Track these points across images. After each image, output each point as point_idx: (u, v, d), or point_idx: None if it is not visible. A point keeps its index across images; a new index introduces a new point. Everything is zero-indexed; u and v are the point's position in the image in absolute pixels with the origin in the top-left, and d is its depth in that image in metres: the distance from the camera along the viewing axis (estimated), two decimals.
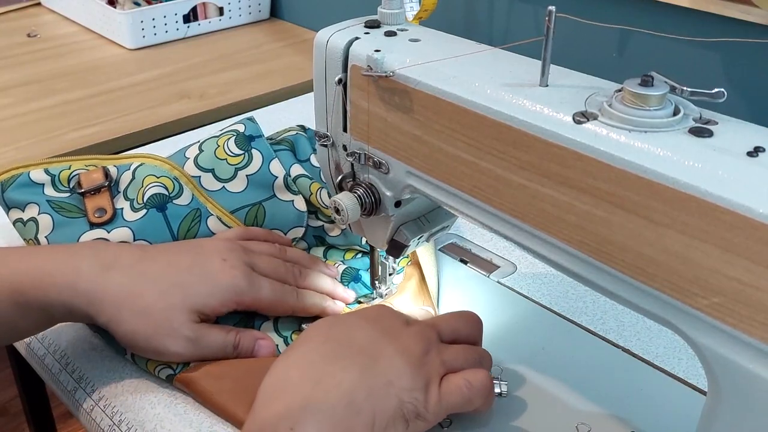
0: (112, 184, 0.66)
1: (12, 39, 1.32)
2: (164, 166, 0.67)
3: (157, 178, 0.66)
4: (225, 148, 0.68)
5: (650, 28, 0.86)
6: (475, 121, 0.45)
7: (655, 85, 0.39)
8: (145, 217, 0.64)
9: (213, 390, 0.55)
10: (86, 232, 0.64)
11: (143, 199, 0.65)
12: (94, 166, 0.68)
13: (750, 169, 0.36)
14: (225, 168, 0.68)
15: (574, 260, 0.43)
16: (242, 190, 0.67)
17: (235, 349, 0.57)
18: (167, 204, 0.65)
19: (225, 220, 0.66)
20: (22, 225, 0.65)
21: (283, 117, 1.01)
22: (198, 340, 0.55)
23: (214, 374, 0.56)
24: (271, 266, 0.62)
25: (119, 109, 1.04)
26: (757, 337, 0.36)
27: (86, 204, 0.65)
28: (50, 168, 0.67)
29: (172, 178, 0.66)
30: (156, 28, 1.26)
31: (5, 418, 1.63)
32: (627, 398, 0.55)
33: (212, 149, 0.68)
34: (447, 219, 0.60)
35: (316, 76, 0.55)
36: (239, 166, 0.68)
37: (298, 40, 1.31)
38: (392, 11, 0.53)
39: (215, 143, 0.69)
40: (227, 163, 0.68)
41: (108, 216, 0.64)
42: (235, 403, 0.54)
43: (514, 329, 0.63)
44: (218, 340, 0.57)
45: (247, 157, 0.68)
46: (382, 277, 0.64)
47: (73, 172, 0.67)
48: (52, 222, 0.64)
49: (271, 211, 0.68)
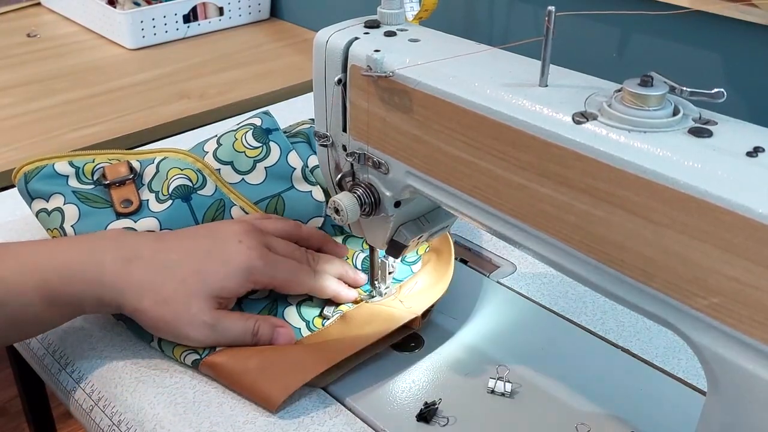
0: (136, 177, 0.68)
1: (12, 39, 1.32)
2: (187, 159, 0.68)
3: (181, 170, 0.67)
4: (243, 141, 0.69)
5: (650, 29, 0.86)
6: (475, 121, 0.45)
7: (655, 86, 0.39)
8: (171, 208, 0.65)
9: (240, 370, 0.56)
10: (113, 222, 0.65)
11: (168, 191, 0.66)
12: (117, 160, 0.69)
13: (750, 169, 0.36)
14: (244, 160, 0.69)
15: (574, 260, 0.43)
16: (261, 182, 0.69)
17: (254, 336, 0.59)
18: (192, 195, 0.66)
19: (248, 210, 0.68)
20: (47, 215, 0.66)
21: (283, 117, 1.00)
22: (217, 327, 0.57)
23: (240, 356, 0.57)
24: (287, 248, 0.63)
25: (119, 109, 1.04)
26: (756, 338, 0.36)
27: (112, 195, 0.66)
28: (74, 160, 0.68)
29: (195, 170, 0.67)
30: (156, 28, 1.26)
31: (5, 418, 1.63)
32: (627, 398, 0.55)
33: (230, 142, 0.70)
34: (447, 219, 0.60)
35: (316, 76, 0.55)
36: (258, 159, 0.69)
37: (298, 40, 1.31)
38: (392, 11, 0.53)
39: (233, 137, 0.70)
40: (245, 155, 0.69)
41: (134, 207, 0.66)
42: (264, 379, 0.55)
43: (513, 329, 0.63)
44: (237, 327, 0.58)
45: (265, 150, 0.69)
46: (381, 276, 0.64)
47: (97, 165, 0.68)
48: (78, 212, 0.65)
49: (290, 202, 0.69)
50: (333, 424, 0.54)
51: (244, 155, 0.69)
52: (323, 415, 0.55)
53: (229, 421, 0.54)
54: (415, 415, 0.54)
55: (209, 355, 0.58)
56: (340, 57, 0.52)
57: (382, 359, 0.59)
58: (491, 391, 0.56)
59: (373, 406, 0.55)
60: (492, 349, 0.60)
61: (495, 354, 0.59)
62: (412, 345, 0.61)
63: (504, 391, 0.56)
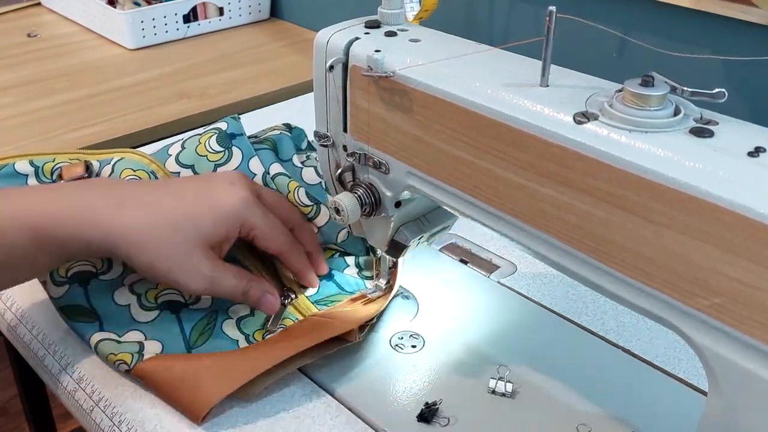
0: (92, 177, 0.67)
1: (12, 39, 1.32)
2: (143, 161, 0.68)
3: (134, 171, 0.66)
4: (206, 145, 0.69)
5: (650, 29, 0.86)
6: (476, 121, 0.45)
7: (656, 86, 0.39)
8: None
9: (164, 380, 0.56)
10: None
11: None
12: (77, 159, 0.68)
13: (750, 169, 0.36)
14: (205, 164, 0.68)
15: (574, 260, 0.43)
16: None
17: (243, 295, 0.59)
18: None
19: None
20: None
21: (283, 117, 1.00)
22: (213, 279, 0.57)
23: (166, 365, 0.57)
24: (276, 201, 0.63)
25: (119, 109, 1.04)
26: (757, 338, 0.36)
27: None
28: (35, 160, 0.67)
29: (148, 171, 0.66)
30: (156, 28, 1.26)
31: (5, 418, 1.63)
32: (628, 398, 0.55)
33: (194, 146, 0.69)
34: (447, 219, 0.60)
35: (316, 76, 0.55)
36: (219, 163, 0.68)
37: (298, 40, 1.31)
38: (392, 11, 0.53)
39: (197, 140, 0.69)
40: (207, 159, 0.68)
41: None
42: (186, 389, 0.55)
43: (514, 329, 0.63)
44: (230, 283, 0.58)
45: (227, 155, 0.68)
46: (382, 272, 0.64)
47: (56, 165, 0.67)
48: None
49: None
50: (334, 424, 0.54)
51: (206, 159, 0.68)
52: (324, 415, 0.55)
53: (230, 422, 0.54)
54: (416, 416, 0.54)
55: (138, 363, 0.57)
56: (340, 57, 0.52)
57: (382, 359, 0.59)
58: (492, 391, 0.56)
59: (374, 406, 0.55)
60: (492, 349, 0.60)
61: (495, 354, 0.59)
62: (412, 346, 0.61)
63: (505, 391, 0.56)
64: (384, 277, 0.65)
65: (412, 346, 0.61)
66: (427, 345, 0.61)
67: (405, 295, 0.66)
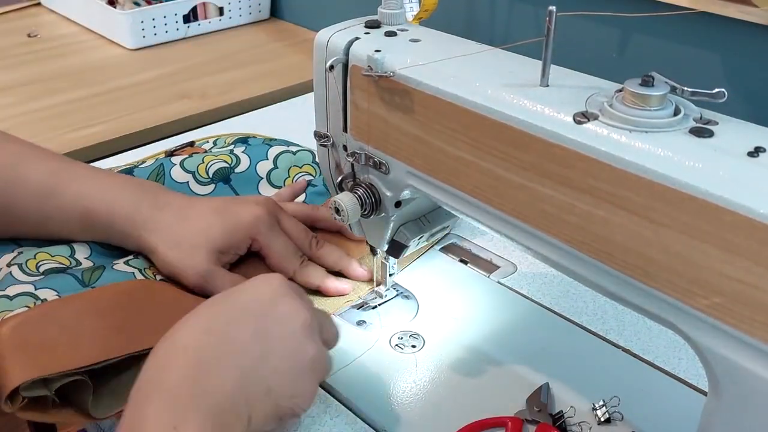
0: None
1: (12, 39, 1.32)
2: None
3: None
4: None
5: (650, 29, 0.86)
6: (476, 122, 0.45)
7: (656, 86, 0.39)
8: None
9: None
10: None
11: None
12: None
13: (750, 169, 0.36)
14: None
15: (575, 260, 0.43)
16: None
17: None
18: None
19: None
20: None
21: (283, 117, 1.01)
22: (207, 279, 0.62)
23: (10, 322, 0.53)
24: (294, 228, 0.67)
25: (119, 109, 1.04)
26: (757, 338, 0.36)
27: None
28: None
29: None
30: (156, 28, 1.26)
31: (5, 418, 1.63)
32: (628, 398, 0.55)
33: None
34: (447, 219, 0.60)
35: (316, 76, 0.55)
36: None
37: (298, 40, 1.31)
38: (392, 11, 0.53)
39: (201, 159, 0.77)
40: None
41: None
42: (11, 356, 0.51)
43: (514, 329, 0.63)
44: (222, 287, 0.60)
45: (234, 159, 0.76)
46: (382, 278, 0.64)
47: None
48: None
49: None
50: (334, 423, 0.54)
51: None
52: (324, 415, 0.55)
53: None
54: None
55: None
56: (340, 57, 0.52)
57: (382, 359, 0.59)
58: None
59: (374, 405, 0.55)
60: (492, 349, 0.60)
61: (495, 354, 0.59)
62: (412, 345, 0.61)
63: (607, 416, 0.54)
64: (385, 284, 0.65)
65: (412, 346, 0.61)
66: (427, 345, 0.61)
67: (405, 295, 0.66)
